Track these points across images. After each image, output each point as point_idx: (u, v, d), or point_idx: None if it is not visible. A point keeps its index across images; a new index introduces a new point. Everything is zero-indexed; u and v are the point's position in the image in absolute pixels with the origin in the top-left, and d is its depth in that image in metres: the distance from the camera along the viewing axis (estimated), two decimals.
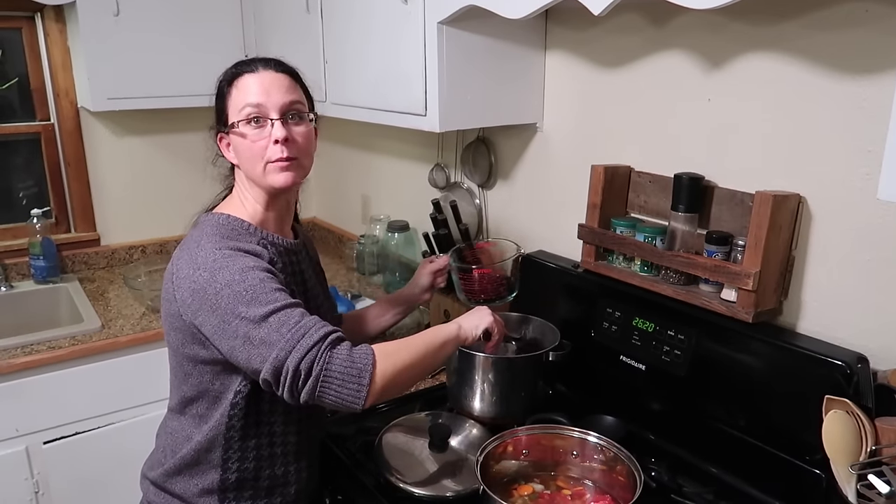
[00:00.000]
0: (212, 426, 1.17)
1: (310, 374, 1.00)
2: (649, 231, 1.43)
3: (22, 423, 1.90)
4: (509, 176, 1.92)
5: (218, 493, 1.20)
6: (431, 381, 1.74)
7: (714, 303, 1.31)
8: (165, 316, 1.16)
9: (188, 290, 1.08)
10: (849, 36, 1.15)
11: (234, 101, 1.15)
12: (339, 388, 1.01)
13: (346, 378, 1.01)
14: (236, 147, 1.17)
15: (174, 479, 1.22)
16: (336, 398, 1.01)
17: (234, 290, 1.04)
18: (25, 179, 2.49)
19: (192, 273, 1.08)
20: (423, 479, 1.26)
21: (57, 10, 2.32)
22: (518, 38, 1.66)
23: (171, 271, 1.14)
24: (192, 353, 1.14)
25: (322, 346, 1.01)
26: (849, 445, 1.03)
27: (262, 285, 1.05)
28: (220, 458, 1.18)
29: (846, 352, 1.18)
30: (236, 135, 1.15)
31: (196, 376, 1.15)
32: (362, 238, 2.47)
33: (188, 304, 1.08)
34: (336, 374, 1.01)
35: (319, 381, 1.00)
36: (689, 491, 1.25)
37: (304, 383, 1.00)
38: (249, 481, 1.21)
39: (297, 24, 2.10)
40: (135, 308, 2.21)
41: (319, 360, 1.00)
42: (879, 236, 1.16)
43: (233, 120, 1.15)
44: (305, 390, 1.00)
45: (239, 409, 1.16)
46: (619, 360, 1.48)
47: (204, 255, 1.09)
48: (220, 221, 1.17)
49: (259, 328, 1.02)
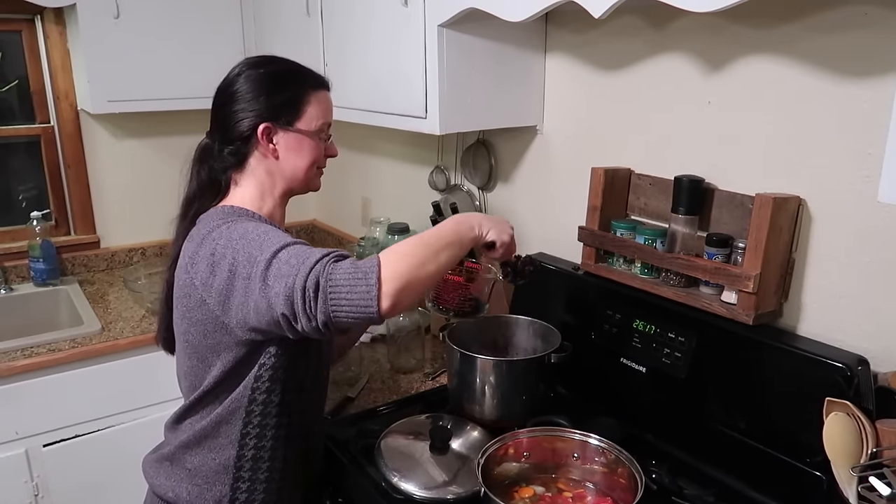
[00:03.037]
0: (234, 398, 1.16)
1: (317, 290, 0.98)
2: (649, 233, 1.43)
3: (22, 425, 1.90)
4: (509, 178, 1.92)
5: (233, 469, 1.18)
6: (432, 384, 1.74)
7: (714, 305, 1.31)
8: (184, 311, 1.15)
9: (206, 267, 1.09)
10: (848, 39, 1.15)
11: (312, 110, 1.21)
12: (349, 294, 0.98)
13: (352, 283, 0.98)
14: (290, 145, 1.19)
15: (192, 451, 1.20)
16: (349, 307, 0.98)
17: (247, 240, 1.07)
18: (25, 182, 2.49)
19: (206, 249, 1.10)
20: (424, 482, 1.26)
21: (57, 13, 2.32)
22: (518, 40, 1.67)
23: (184, 264, 1.15)
24: (214, 343, 1.13)
25: (325, 262, 1.00)
26: (849, 447, 1.03)
27: (272, 231, 1.09)
28: (239, 433, 1.17)
29: (847, 354, 1.18)
30: (302, 135, 1.20)
31: (219, 367, 1.15)
32: (362, 240, 2.47)
33: (207, 281, 1.09)
34: (342, 282, 0.98)
35: (328, 294, 0.98)
36: (689, 493, 1.25)
37: (314, 300, 0.98)
38: (265, 461, 1.20)
39: (297, 27, 2.10)
40: (135, 310, 2.21)
41: (323, 274, 0.99)
42: (880, 239, 1.16)
43: (304, 126, 1.20)
44: (319, 308, 0.98)
45: (262, 383, 1.15)
46: (619, 362, 1.48)
47: (216, 232, 1.12)
48: (225, 209, 1.18)
49: (272, 266, 1.02)
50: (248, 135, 1.18)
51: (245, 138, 1.18)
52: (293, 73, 1.23)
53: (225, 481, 1.19)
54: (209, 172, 1.23)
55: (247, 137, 1.18)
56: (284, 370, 1.16)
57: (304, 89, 1.20)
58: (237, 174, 1.22)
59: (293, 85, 1.20)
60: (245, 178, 1.21)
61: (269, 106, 1.17)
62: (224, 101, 1.20)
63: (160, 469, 1.25)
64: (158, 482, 1.24)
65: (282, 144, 1.19)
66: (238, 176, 1.22)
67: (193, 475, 1.20)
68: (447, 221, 1.17)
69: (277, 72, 1.21)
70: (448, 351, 1.49)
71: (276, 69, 1.21)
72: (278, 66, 1.22)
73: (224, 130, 1.20)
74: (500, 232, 1.22)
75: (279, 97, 1.18)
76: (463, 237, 1.15)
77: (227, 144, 1.20)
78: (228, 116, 1.19)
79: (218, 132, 1.21)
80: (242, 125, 1.17)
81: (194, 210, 1.23)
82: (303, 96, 1.20)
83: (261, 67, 1.20)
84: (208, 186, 1.23)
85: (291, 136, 1.19)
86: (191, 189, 1.25)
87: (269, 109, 1.17)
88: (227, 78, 1.21)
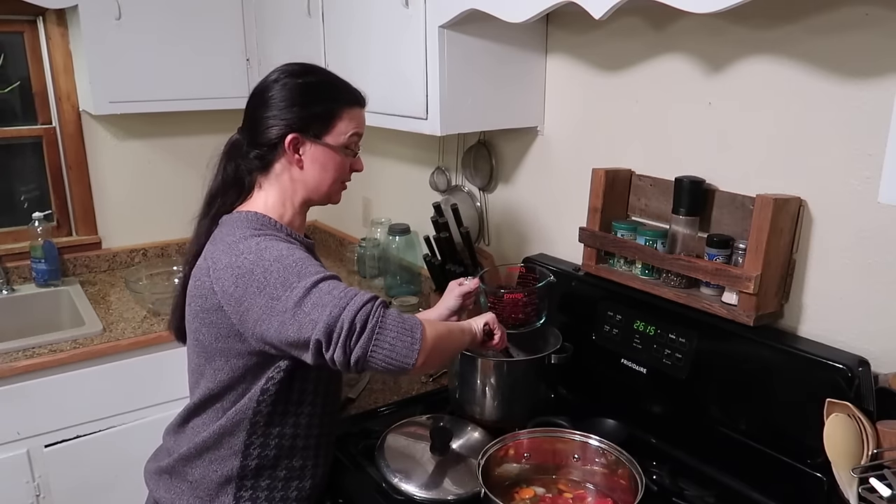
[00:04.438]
0: (238, 409, 1.16)
1: (365, 327, 1.02)
2: (650, 234, 1.43)
3: (23, 426, 1.90)
4: (510, 179, 1.92)
5: (236, 480, 1.18)
6: (433, 385, 1.74)
7: (715, 306, 1.31)
8: (198, 312, 1.15)
9: (231, 277, 1.09)
10: (849, 39, 1.15)
11: (343, 126, 1.20)
12: (393, 341, 1.03)
13: (399, 333, 1.04)
14: (316, 158, 1.19)
15: (193, 463, 1.20)
16: (389, 353, 1.03)
17: (283, 265, 1.07)
18: (27, 183, 2.49)
19: (234, 260, 1.10)
20: (425, 483, 1.26)
21: (59, 14, 2.32)
22: (519, 41, 1.67)
23: (205, 266, 1.14)
24: (226, 347, 1.13)
25: (375, 303, 1.04)
26: (850, 449, 1.03)
27: (308, 260, 1.11)
28: (243, 444, 1.17)
29: (847, 355, 1.18)
30: (329, 149, 1.19)
31: (227, 372, 1.15)
32: (363, 241, 2.47)
33: (230, 292, 1.09)
34: (390, 328, 1.03)
35: (375, 334, 1.02)
36: (690, 494, 1.25)
37: (358, 336, 1.01)
38: (268, 469, 1.20)
39: (298, 28, 2.11)
40: (136, 311, 2.21)
41: (375, 314, 1.03)
42: (880, 239, 1.16)
43: (332, 141, 1.19)
44: (360, 344, 1.01)
45: (269, 396, 1.15)
46: (620, 363, 1.48)
47: (245, 244, 1.11)
48: (250, 217, 1.18)
49: (310, 294, 1.04)
50: (276, 142, 1.18)
51: (273, 145, 1.18)
52: (330, 86, 1.22)
53: (228, 492, 1.19)
54: (235, 169, 1.24)
55: (274, 145, 1.18)
56: (289, 382, 1.16)
57: (337, 104, 1.20)
58: (262, 177, 1.22)
59: (327, 99, 1.20)
60: (269, 182, 1.21)
61: (301, 117, 1.17)
62: (257, 105, 1.20)
63: (160, 482, 1.26)
64: (159, 495, 1.25)
65: (308, 156, 1.19)
66: (263, 179, 1.22)
67: (195, 487, 1.21)
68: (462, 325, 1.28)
69: (314, 83, 1.20)
70: None
71: (312, 80, 1.21)
72: (315, 77, 1.22)
73: (253, 133, 1.20)
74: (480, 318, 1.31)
75: (311, 109, 1.18)
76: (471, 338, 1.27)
77: (255, 148, 1.20)
78: (259, 121, 1.19)
79: (248, 133, 1.22)
80: (271, 132, 1.17)
81: (216, 208, 1.24)
82: (335, 111, 1.19)
83: (299, 77, 1.19)
84: (233, 183, 1.24)
85: (319, 149, 1.19)
86: (216, 184, 1.25)
87: (300, 120, 1.17)
88: (265, 82, 1.21)
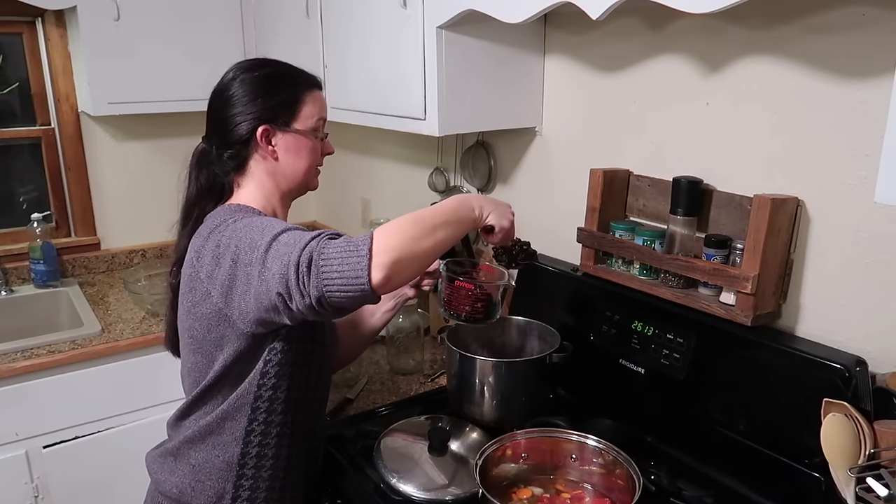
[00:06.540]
0: (240, 394, 1.16)
1: (310, 265, 0.98)
2: (648, 234, 1.43)
3: (22, 427, 1.90)
4: (508, 179, 1.92)
5: (237, 467, 1.18)
6: (431, 385, 1.74)
7: (713, 306, 1.31)
8: (190, 307, 1.16)
9: (211, 257, 1.10)
10: (846, 40, 1.15)
11: (308, 110, 1.22)
12: (340, 266, 0.97)
13: (343, 256, 0.97)
14: (289, 146, 1.21)
15: (196, 446, 1.20)
16: (340, 280, 0.97)
17: (250, 227, 1.08)
18: (26, 184, 2.49)
19: (213, 241, 1.11)
20: (423, 483, 1.26)
21: (58, 15, 2.32)
22: (517, 42, 1.67)
23: (190, 259, 1.16)
24: (218, 336, 1.13)
25: (319, 238, 1.00)
26: (847, 449, 1.03)
27: (277, 221, 1.10)
28: (244, 430, 1.17)
29: (845, 355, 1.18)
30: (300, 135, 1.21)
31: (221, 361, 1.15)
32: None
33: (212, 272, 1.10)
34: (333, 255, 0.97)
35: (320, 267, 0.97)
36: (688, 494, 1.25)
37: (307, 276, 0.98)
38: (269, 458, 1.20)
39: (296, 29, 2.11)
40: (135, 312, 2.21)
41: (317, 249, 0.99)
42: (877, 239, 1.16)
43: (301, 126, 1.21)
44: (311, 283, 0.98)
45: (269, 379, 1.15)
46: (618, 363, 1.48)
47: (223, 226, 1.12)
48: (233, 207, 1.19)
49: (270, 249, 1.03)
50: (248, 138, 1.19)
51: (244, 141, 1.19)
52: (287, 74, 1.24)
53: (228, 478, 1.19)
54: (209, 177, 1.24)
55: (246, 140, 1.19)
56: (290, 366, 1.16)
57: (298, 90, 1.22)
58: (239, 177, 1.23)
59: (288, 86, 1.22)
60: (246, 180, 1.23)
61: (266, 108, 1.19)
62: (220, 105, 1.21)
63: (164, 464, 1.25)
64: (162, 477, 1.24)
65: (281, 146, 1.20)
66: (240, 179, 1.23)
67: (197, 471, 1.21)
68: (449, 200, 1.16)
69: (271, 74, 1.22)
70: (447, 352, 1.50)
71: (269, 71, 1.22)
72: (272, 69, 1.23)
73: (222, 135, 1.20)
74: (500, 216, 1.22)
75: (275, 98, 1.19)
76: (462, 218, 1.14)
77: (227, 148, 1.20)
78: (226, 121, 1.19)
79: (216, 136, 1.22)
80: (241, 128, 1.18)
81: (196, 214, 1.24)
82: (298, 96, 1.21)
83: (255, 70, 1.21)
84: (208, 191, 1.25)
85: (290, 136, 1.21)
86: (190, 194, 1.26)
87: (266, 111, 1.19)
88: (222, 82, 1.22)
